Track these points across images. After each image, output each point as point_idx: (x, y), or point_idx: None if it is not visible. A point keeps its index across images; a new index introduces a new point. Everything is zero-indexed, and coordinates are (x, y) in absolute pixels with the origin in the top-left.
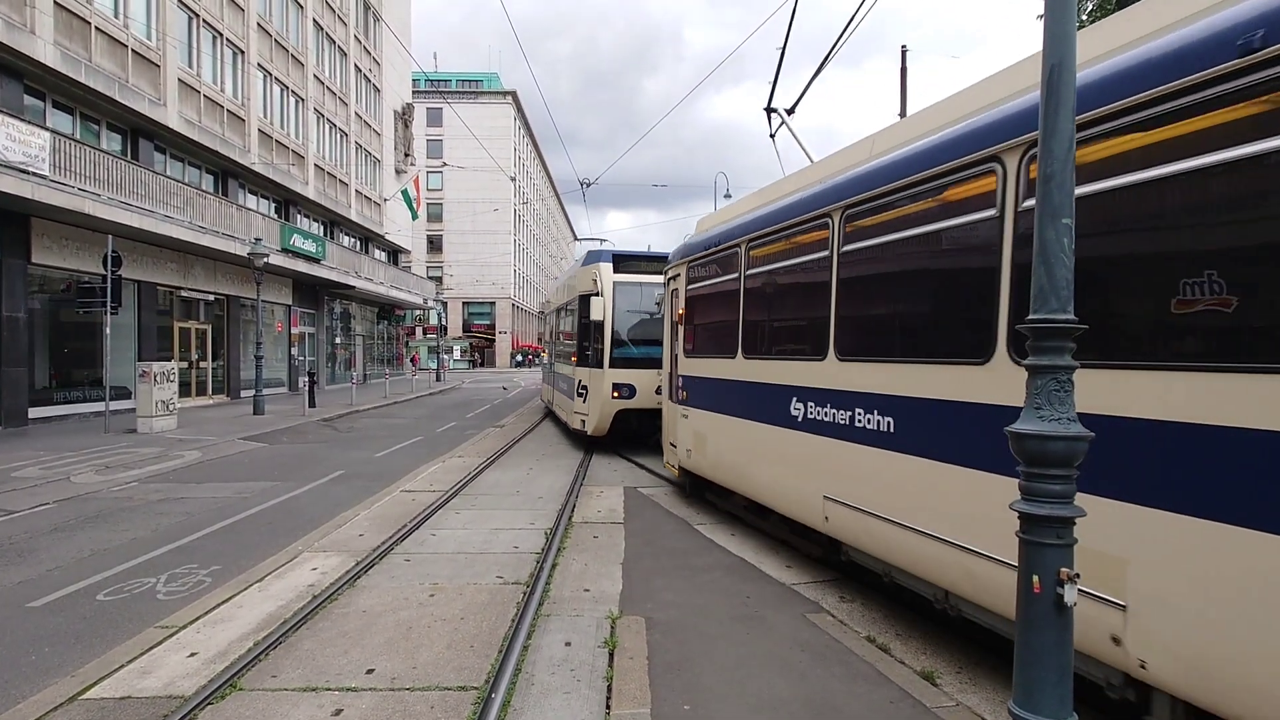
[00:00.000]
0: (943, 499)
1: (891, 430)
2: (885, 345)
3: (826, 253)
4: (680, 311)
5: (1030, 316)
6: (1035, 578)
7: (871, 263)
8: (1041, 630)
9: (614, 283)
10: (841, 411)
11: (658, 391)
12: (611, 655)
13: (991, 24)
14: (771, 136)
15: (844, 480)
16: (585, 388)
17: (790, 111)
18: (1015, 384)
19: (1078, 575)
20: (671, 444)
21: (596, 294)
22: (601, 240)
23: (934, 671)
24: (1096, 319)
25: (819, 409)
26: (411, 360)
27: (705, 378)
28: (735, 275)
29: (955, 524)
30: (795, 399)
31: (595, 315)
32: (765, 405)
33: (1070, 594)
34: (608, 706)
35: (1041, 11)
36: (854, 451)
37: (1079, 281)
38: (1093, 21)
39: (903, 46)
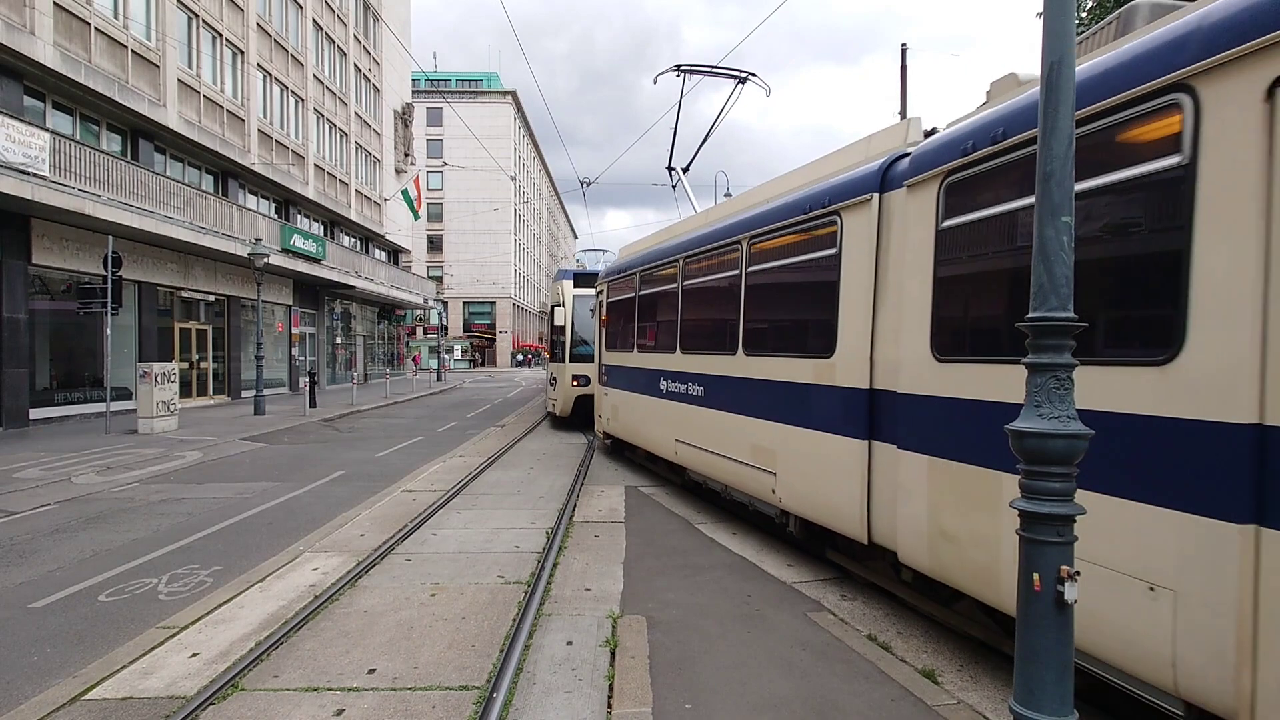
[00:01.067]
0: (723, 433)
1: (703, 395)
2: (702, 344)
3: (675, 285)
4: (604, 318)
5: (1030, 314)
6: (1036, 576)
7: (700, 292)
8: (1042, 628)
9: (573, 296)
10: (682, 385)
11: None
12: (613, 654)
13: (988, 22)
14: (673, 187)
15: (683, 427)
16: (555, 378)
17: (685, 170)
18: (747, 367)
19: (1078, 573)
20: (599, 415)
21: (560, 305)
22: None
23: (935, 669)
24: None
25: (673, 385)
26: (414, 360)
27: (616, 366)
28: (632, 294)
29: (728, 446)
30: (661, 379)
31: (559, 321)
32: (647, 383)
33: (1071, 592)
34: (609, 706)
35: (1040, 10)
36: (687, 409)
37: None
38: (1093, 20)
39: (903, 45)
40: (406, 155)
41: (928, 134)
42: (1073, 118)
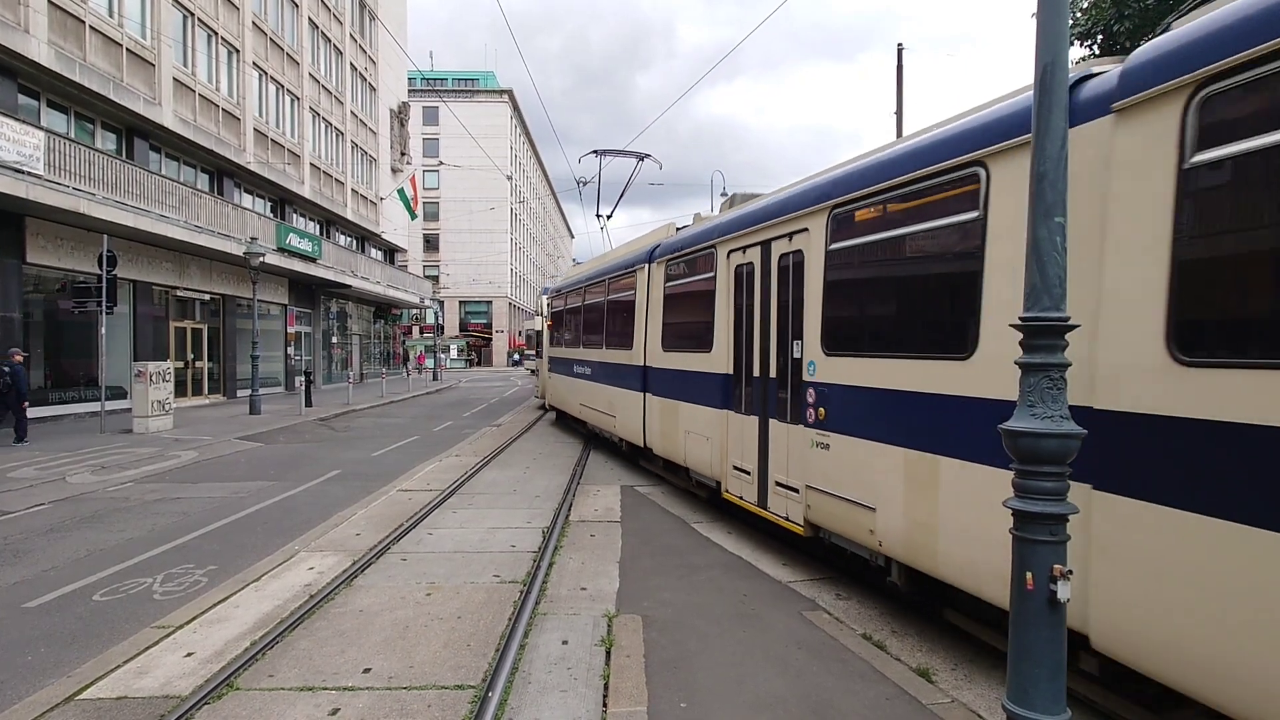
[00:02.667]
0: (602, 397)
1: (591, 375)
2: (597, 341)
3: (580, 301)
4: (549, 322)
5: (1023, 314)
6: (1029, 575)
7: (587, 310)
8: (1034, 627)
9: (549, 306)
10: (586, 368)
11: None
12: (608, 654)
13: (985, 20)
14: (602, 229)
15: (585, 395)
16: (536, 370)
17: (609, 216)
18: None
19: (1070, 571)
20: (542, 392)
21: (539, 314)
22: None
23: (930, 668)
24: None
25: (581, 368)
26: (417, 360)
27: (555, 356)
28: (565, 305)
29: (605, 404)
30: (575, 364)
31: (538, 327)
32: (570, 368)
33: (1064, 590)
34: (605, 705)
35: (1035, 10)
36: (587, 385)
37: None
38: (1088, 21)
39: (899, 45)
40: (403, 154)
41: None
42: (1066, 118)
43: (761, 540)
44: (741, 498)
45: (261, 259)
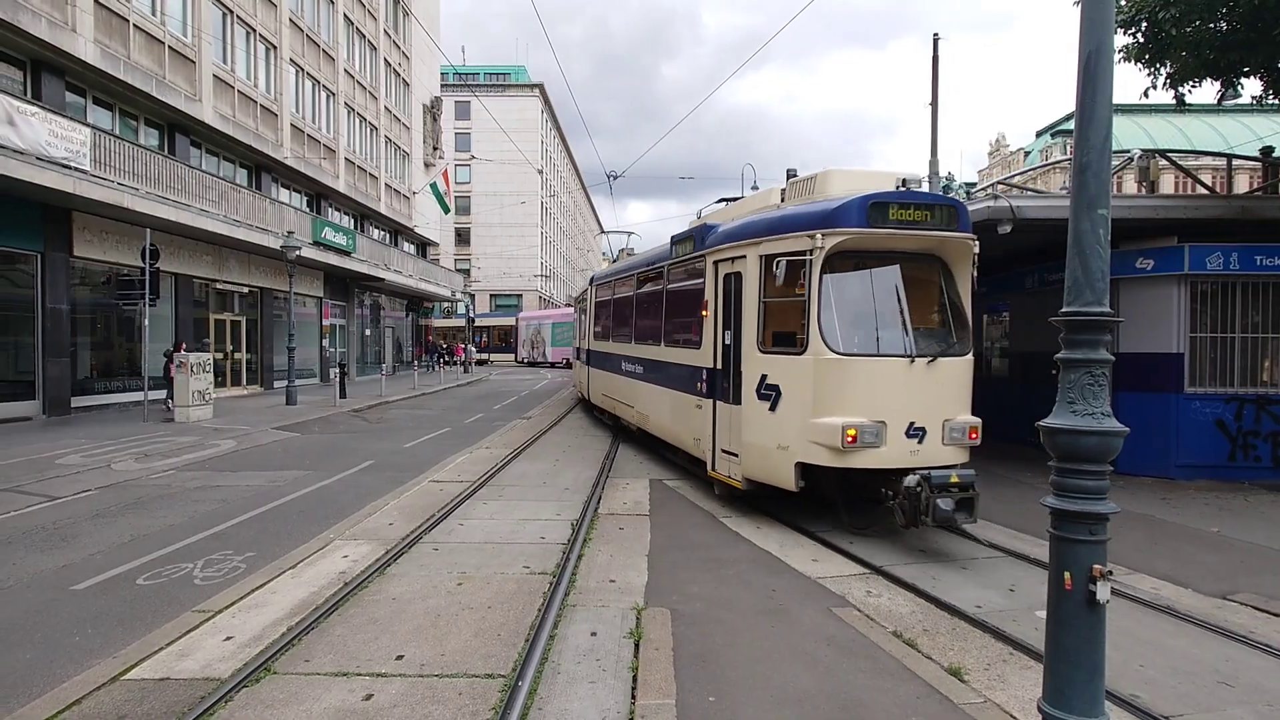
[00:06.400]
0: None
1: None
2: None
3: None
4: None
5: (1063, 309)
6: (1067, 574)
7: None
8: (1072, 627)
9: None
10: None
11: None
12: (637, 646)
13: (1023, 3)
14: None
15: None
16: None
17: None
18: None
19: (1110, 571)
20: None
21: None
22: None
23: (962, 667)
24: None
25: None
26: (453, 352)
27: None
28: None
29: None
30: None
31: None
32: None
33: (1103, 591)
34: (633, 696)
35: None
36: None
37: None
38: (1131, 8)
39: (934, 35)
40: (435, 149)
41: None
42: (1110, 107)
43: (790, 536)
44: None
45: (298, 252)
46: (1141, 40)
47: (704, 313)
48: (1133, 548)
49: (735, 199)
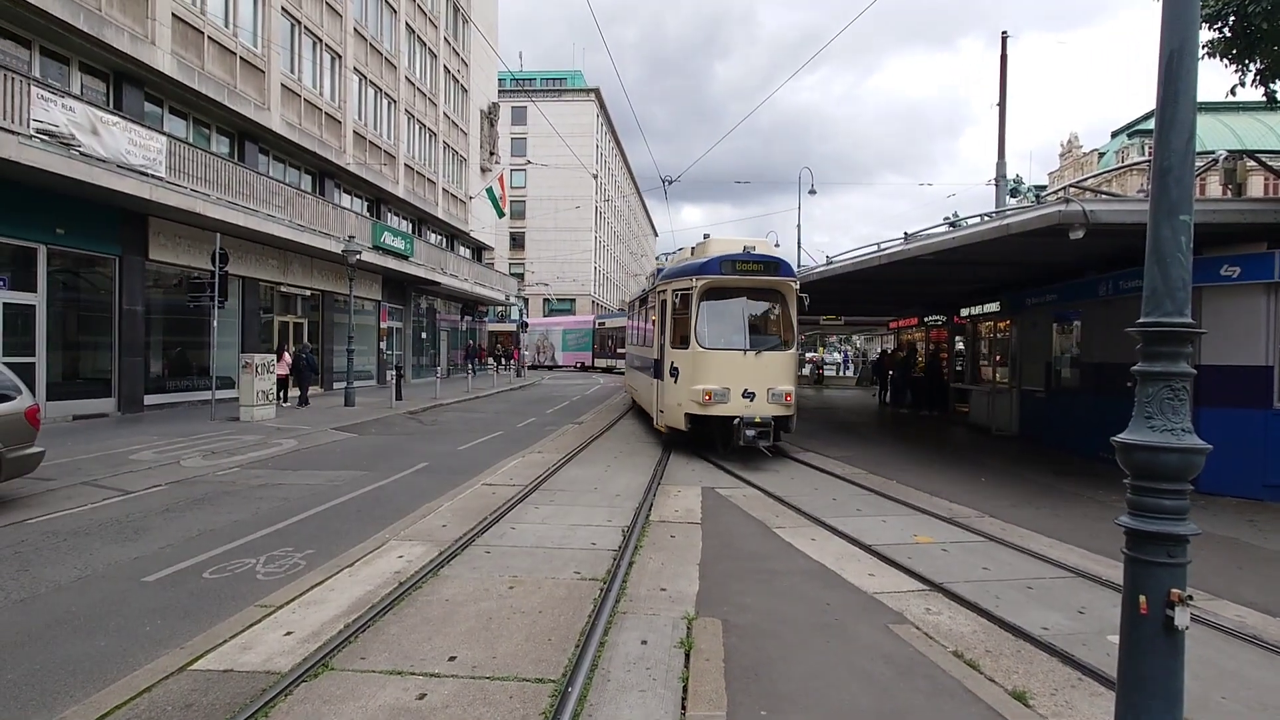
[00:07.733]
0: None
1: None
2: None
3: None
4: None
5: (1141, 319)
6: (1142, 598)
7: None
8: (1148, 654)
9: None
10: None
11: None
12: (688, 656)
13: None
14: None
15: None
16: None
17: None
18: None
19: (1190, 596)
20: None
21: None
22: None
23: (1027, 691)
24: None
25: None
26: (511, 355)
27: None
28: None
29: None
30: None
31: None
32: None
33: (1182, 617)
34: (683, 707)
35: None
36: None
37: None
38: (1218, 2)
39: (1003, 33)
40: (492, 154)
41: None
42: (1194, 110)
43: (846, 549)
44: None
45: (358, 257)
46: (1228, 35)
47: (652, 324)
48: (1215, 572)
49: (682, 248)
